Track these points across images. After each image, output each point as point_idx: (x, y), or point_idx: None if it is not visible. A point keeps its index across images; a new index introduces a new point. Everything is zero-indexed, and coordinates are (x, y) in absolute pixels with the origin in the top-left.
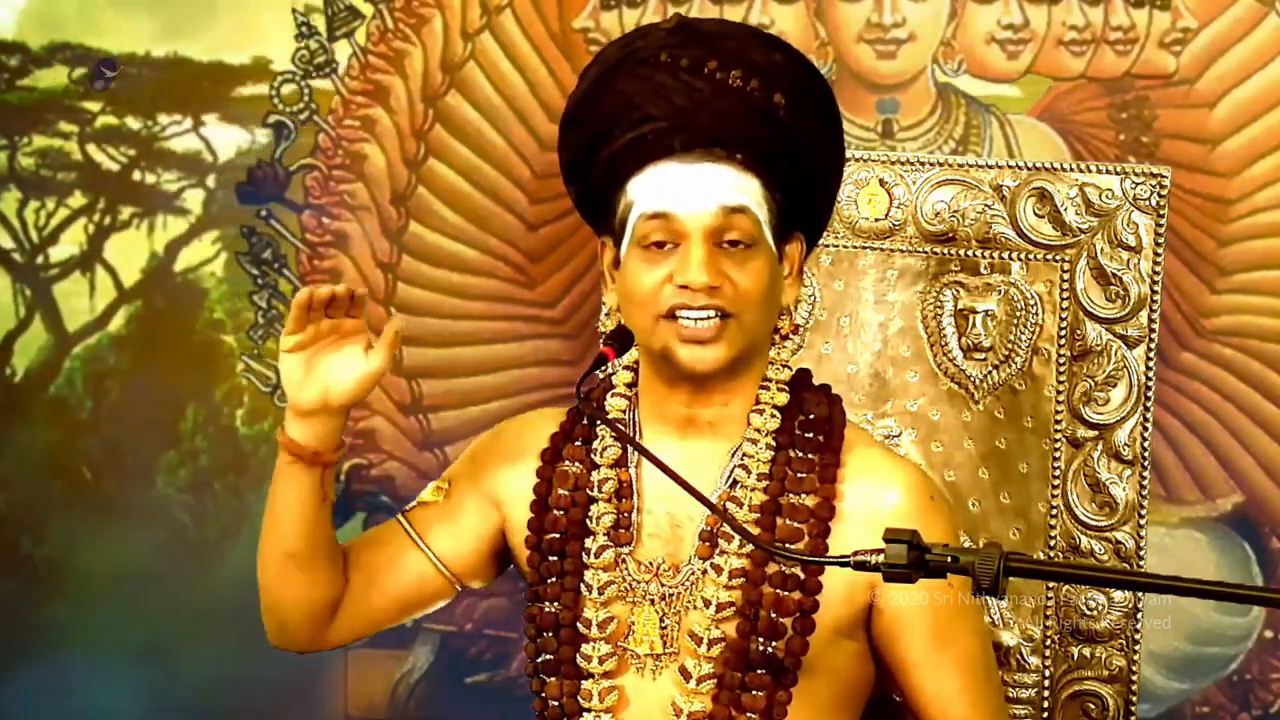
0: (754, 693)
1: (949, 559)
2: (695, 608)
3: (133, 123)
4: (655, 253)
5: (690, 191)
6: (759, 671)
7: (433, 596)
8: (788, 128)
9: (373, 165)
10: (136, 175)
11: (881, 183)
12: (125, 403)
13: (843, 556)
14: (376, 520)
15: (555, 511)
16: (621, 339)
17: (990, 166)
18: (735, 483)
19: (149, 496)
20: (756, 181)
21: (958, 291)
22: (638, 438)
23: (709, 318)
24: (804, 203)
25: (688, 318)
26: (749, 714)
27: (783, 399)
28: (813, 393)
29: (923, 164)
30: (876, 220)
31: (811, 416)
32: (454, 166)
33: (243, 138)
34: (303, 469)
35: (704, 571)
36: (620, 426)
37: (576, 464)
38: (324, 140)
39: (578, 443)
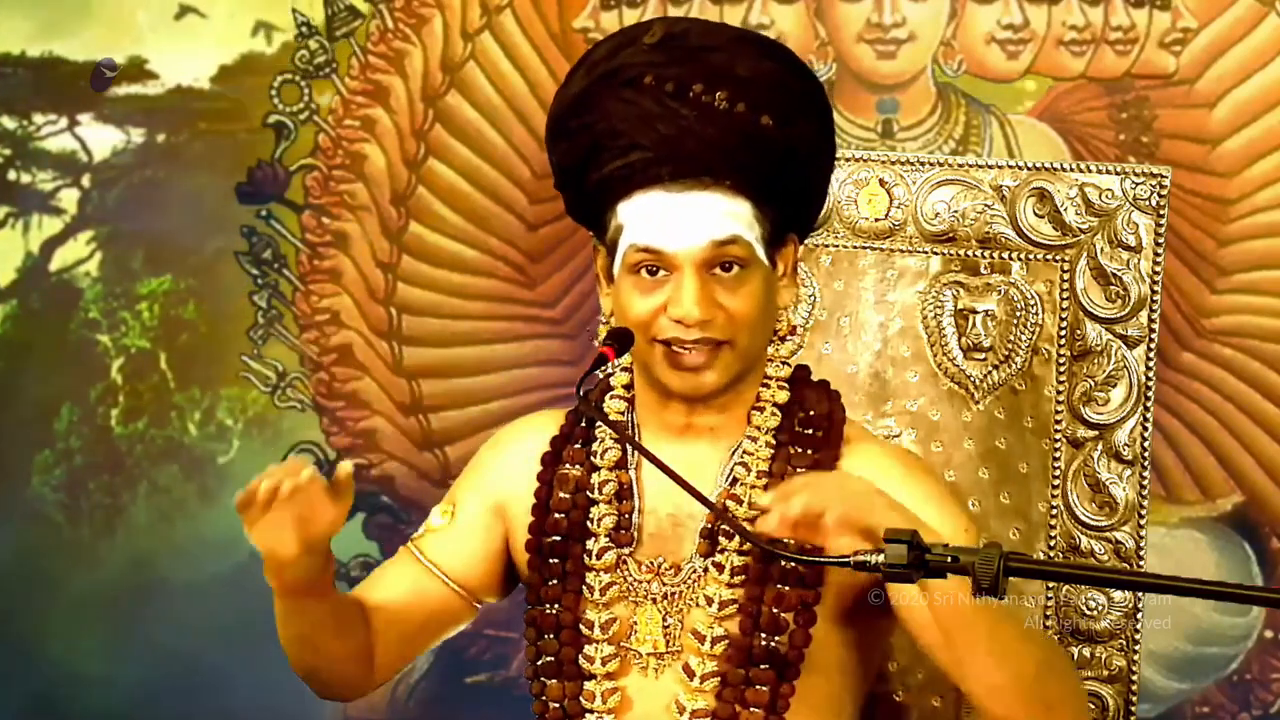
0: (757, 688)
1: (949, 559)
2: (697, 606)
3: (8, 122)
4: (647, 280)
5: (680, 225)
6: (762, 667)
7: (455, 619)
8: (777, 146)
9: (373, 165)
10: (11, 174)
11: (881, 183)
12: (0, 402)
13: (843, 556)
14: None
15: (555, 514)
16: (621, 339)
17: (990, 166)
18: (735, 480)
19: (24, 495)
20: (747, 203)
21: (958, 291)
22: (636, 439)
23: (702, 348)
24: (796, 209)
25: (681, 348)
26: (753, 709)
27: (783, 396)
28: (812, 389)
29: (923, 164)
30: (876, 220)
31: (811, 413)
32: (454, 166)
33: (118, 137)
34: (301, 596)
35: (705, 570)
36: (622, 428)
37: (576, 466)
38: (324, 140)
39: (577, 445)
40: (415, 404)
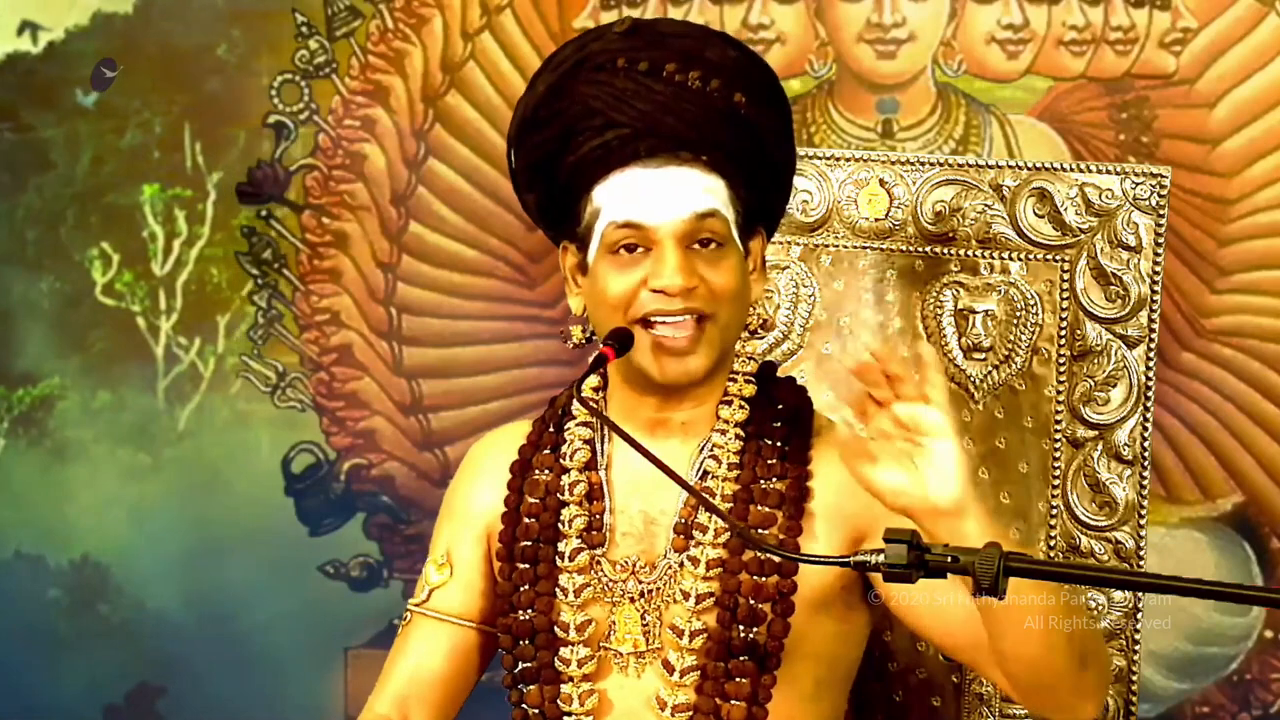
0: (738, 680)
1: (949, 559)
2: (675, 601)
3: None
4: (626, 257)
5: (660, 199)
6: (742, 659)
7: (489, 654)
8: (750, 125)
9: (373, 165)
10: None
11: (881, 183)
12: None
13: (841, 557)
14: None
15: (526, 519)
16: (621, 339)
17: (990, 166)
18: (706, 474)
19: None
20: (722, 182)
21: (958, 291)
22: (608, 443)
23: (685, 320)
24: (766, 198)
25: (664, 323)
26: (733, 702)
27: (750, 390)
28: (778, 383)
29: (923, 164)
30: (876, 220)
31: (780, 406)
32: (454, 166)
33: None
34: None
35: (680, 564)
36: (610, 422)
37: (546, 471)
38: (324, 140)
39: (546, 451)
40: (415, 404)
